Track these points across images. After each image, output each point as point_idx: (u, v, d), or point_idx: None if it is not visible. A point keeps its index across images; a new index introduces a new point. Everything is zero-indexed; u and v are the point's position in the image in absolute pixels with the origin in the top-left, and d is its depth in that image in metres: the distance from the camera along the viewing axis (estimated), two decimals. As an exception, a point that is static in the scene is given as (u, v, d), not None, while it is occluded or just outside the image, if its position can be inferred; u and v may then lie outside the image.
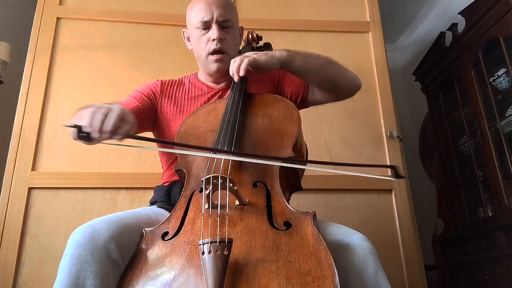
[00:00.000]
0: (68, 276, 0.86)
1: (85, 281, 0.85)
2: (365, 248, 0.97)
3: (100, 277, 0.86)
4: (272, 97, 1.30)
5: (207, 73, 1.47)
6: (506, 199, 2.31)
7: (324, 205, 2.08)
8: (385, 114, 2.28)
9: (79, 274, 0.86)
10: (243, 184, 1.01)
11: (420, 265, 2.03)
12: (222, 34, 1.36)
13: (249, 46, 1.60)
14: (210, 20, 1.36)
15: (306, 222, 0.88)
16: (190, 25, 1.43)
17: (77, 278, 0.86)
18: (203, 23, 1.36)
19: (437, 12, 3.62)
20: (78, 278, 0.86)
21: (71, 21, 2.26)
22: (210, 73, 1.45)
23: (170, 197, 1.26)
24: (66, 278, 0.86)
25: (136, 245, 0.97)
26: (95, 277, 0.86)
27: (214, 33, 1.35)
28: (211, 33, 1.36)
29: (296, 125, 1.16)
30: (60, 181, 1.97)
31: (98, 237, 0.90)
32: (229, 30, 1.39)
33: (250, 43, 1.62)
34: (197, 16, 1.37)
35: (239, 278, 0.78)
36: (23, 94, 2.06)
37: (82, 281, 0.85)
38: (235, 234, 0.87)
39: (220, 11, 1.36)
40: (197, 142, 1.19)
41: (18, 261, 1.82)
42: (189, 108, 1.40)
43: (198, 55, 1.44)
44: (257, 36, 1.63)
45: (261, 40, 1.65)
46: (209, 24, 1.36)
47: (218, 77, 1.46)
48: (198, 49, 1.42)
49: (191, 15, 1.41)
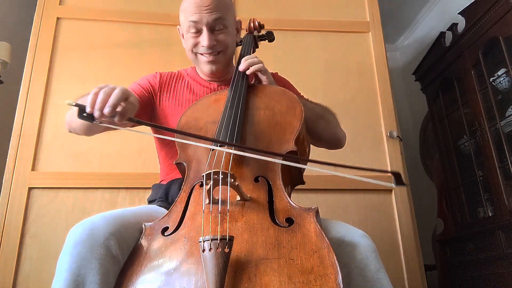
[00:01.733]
0: (68, 273, 0.85)
1: (86, 278, 0.84)
2: (367, 246, 0.97)
3: (101, 274, 0.85)
4: (275, 89, 1.27)
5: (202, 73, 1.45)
6: (506, 199, 2.31)
7: (324, 205, 2.08)
8: (385, 114, 2.28)
9: (80, 271, 0.85)
10: (244, 178, 0.99)
11: (420, 265, 2.03)
12: (214, 38, 1.30)
13: (251, 35, 1.55)
14: (200, 23, 1.29)
15: (309, 219, 0.86)
16: (181, 24, 1.38)
17: (77, 276, 0.84)
18: (193, 27, 1.31)
19: (437, 12, 3.62)
20: (78, 275, 0.84)
21: (71, 21, 2.26)
22: (205, 73, 1.42)
23: (168, 196, 1.25)
24: (67, 276, 0.84)
25: (136, 241, 0.95)
26: (96, 274, 0.84)
27: (204, 39, 1.29)
28: (201, 38, 1.30)
29: (299, 118, 1.13)
30: (60, 181, 1.97)
31: (98, 234, 0.88)
32: (222, 30, 1.32)
33: (252, 31, 1.57)
34: (187, 17, 1.31)
35: (240, 276, 0.77)
36: (23, 94, 2.06)
37: (82, 278, 0.84)
38: (236, 231, 0.86)
39: (210, 12, 1.28)
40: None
41: (18, 261, 1.82)
42: (188, 101, 1.37)
43: (189, 56, 1.40)
44: (259, 24, 1.58)
45: (263, 29, 1.60)
46: (199, 26, 1.30)
47: (214, 75, 1.42)
48: (189, 52, 1.37)
49: (181, 17, 1.36)
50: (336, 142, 1.41)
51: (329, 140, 1.39)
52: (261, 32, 1.60)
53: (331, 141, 1.40)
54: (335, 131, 1.39)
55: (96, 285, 0.84)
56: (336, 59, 2.39)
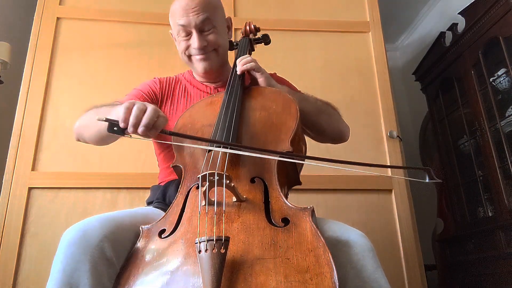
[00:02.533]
0: (62, 275, 0.85)
1: (79, 281, 0.84)
2: (363, 245, 0.97)
3: (95, 276, 0.85)
4: (270, 90, 1.27)
5: (198, 75, 1.45)
6: (506, 199, 2.31)
7: (324, 205, 2.08)
8: (385, 114, 2.28)
9: (73, 273, 0.85)
10: (240, 179, 0.99)
11: (420, 265, 2.03)
12: (204, 40, 1.31)
13: (247, 38, 1.55)
14: (189, 26, 1.30)
15: (304, 218, 0.87)
16: (172, 30, 1.39)
17: (71, 278, 0.84)
18: (183, 30, 1.31)
19: (437, 12, 3.62)
20: (72, 277, 0.84)
21: (71, 21, 2.26)
22: (199, 74, 1.43)
23: (165, 198, 1.25)
24: (60, 278, 0.85)
25: (131, 243, 0.95)
26: (90, 276, 0.84)
27: (194, 41, 1.30)
28: (191, 41, 1.31)
29: (294, 118, 1.13)
30: (60, 181, 1.98)
31: (92, 236, 0.89)
32: (211, 30, 1.33)
33: (248, 34, 1.57)
34: (176, 20, 1.32)
35: (236, 276, 0.77)
36: (23, 94, 2.06)
37: (76, 280, 0.84)
38: (232, 231, 0.86)
39: (198, 14, 1.28)
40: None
41: (18, 260, 1.83)
42: (185, 105, 1.38)
43: (182, 58, 1.40)
44: (255, 27, 1.58)
45: (259, 32, 1.60)
46: (188, 29, 1.31)
47: (210, 77, 1.43)
48: (182, 55, 1.38)
49: (171, 22, 1.37)
50: (340, 135, 1.41)
51: (332, 134, 1.40)
52: (257, 35, 1.61)
53: (334, 135, 1.41)
54: (338, 124, 1.40)
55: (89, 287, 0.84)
56: (336, 59, 2.39)
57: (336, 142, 1.44)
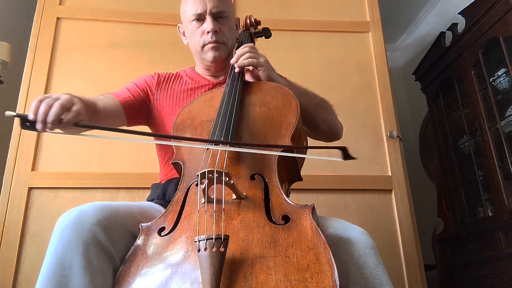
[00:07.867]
0: (54, 257, 0.86)
1: (72, 262, 0.85)
2: (365, 242, 0.96)
3: (87, 258, 0.85)
4: (270, 85, 1.26)
5: (204, 67, 1.45)
6: (506, 199, 2.31)
7: (324, 205, 2.07)
8: (385, 114, 2.27)
9: (65, 255, 0.85)
10: (240, 176, 0.98)
11: (420, 265, 2.03)
12: (217, 25, 1.34)
13: (247, 31, 1.55)
14: (204, 12, 1.34)
15: (305, 215, 0.86)
16: (184, 19, 1.42)
17: (63, 259, 0.85)
18: (197, 16, 1.35)
19: (437, 12, 3.62)
20: (64, 258, 0.85)
21: (71, 21, 2.26)
22: (207, 64, 1.43)
23: (165, 195, 1.25)
24: (53, 260, 0.86)
25: (127, 232, 0.95)
26: (81, 257, 0.85)
27: (208, 25, 1.33)
28: (205, 25, 1.34)
29: (294, 113, 1.11)
30: (60, 181, 1.97)
31: (85, 220, 0.89)
32: (224, 21, 1.37)
33: (249, 28, 1.57)
34: (191, 9, 1.36)
35: (236, 275, 0.77)
36: (23, 94, 2.06)
37: (68, 262, 0.85)
38: (232, 229, 0.85)
39: (213, 3, 1.34)
40: (194, 133, 1.15)
41: (18, 260, 1.82)
42: (186, 101, 1.38)
43: (194, 49, 1.42)
44: (256, 20, 1.58)
45: (260, 25, 1.60)
46: (203, 16, 1.34)
47: (215, 70, 1.44)
48: (193, 42, 1.40)
49: (185, 9, 1.40)
50: (334, 132, 1.41)
51: (327, 130, 1.39)
52: (257, 29, 1.60)
53: (329, 131, 1.40)
54: (333, 120, 1.40)
55: (80, 269, 0.85)
56: (336, 59, 2.39)
57: (329, 140, 1.44)
